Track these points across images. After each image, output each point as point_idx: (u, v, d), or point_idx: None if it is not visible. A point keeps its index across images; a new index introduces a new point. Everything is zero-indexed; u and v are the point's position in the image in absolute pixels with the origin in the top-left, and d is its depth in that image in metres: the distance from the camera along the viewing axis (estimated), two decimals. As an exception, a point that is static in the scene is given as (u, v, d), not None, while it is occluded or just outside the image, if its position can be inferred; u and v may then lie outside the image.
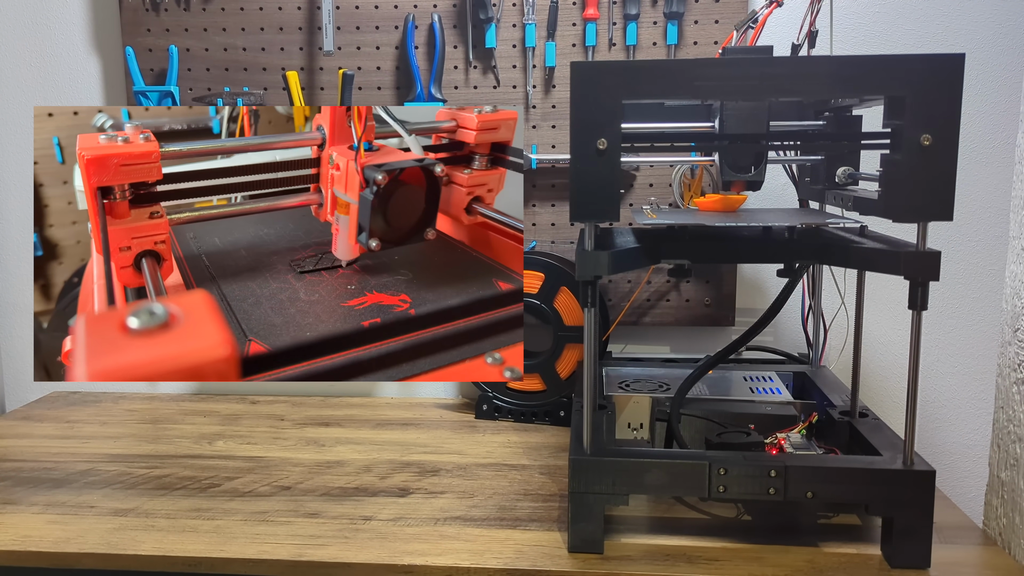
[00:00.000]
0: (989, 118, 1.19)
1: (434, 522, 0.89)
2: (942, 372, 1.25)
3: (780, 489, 0.78)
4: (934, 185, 0.73)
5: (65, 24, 1.32)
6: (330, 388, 1.37)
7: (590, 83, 0.75)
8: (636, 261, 0.83)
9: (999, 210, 1.20)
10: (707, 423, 0.96)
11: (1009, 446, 0.86)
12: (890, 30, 1.19)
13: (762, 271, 1.26)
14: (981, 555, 0.82)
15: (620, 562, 0.79)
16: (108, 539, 0.85)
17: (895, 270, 0.75)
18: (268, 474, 1.02)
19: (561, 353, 1.18)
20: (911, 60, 0.72)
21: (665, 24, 1.19)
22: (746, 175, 0.88)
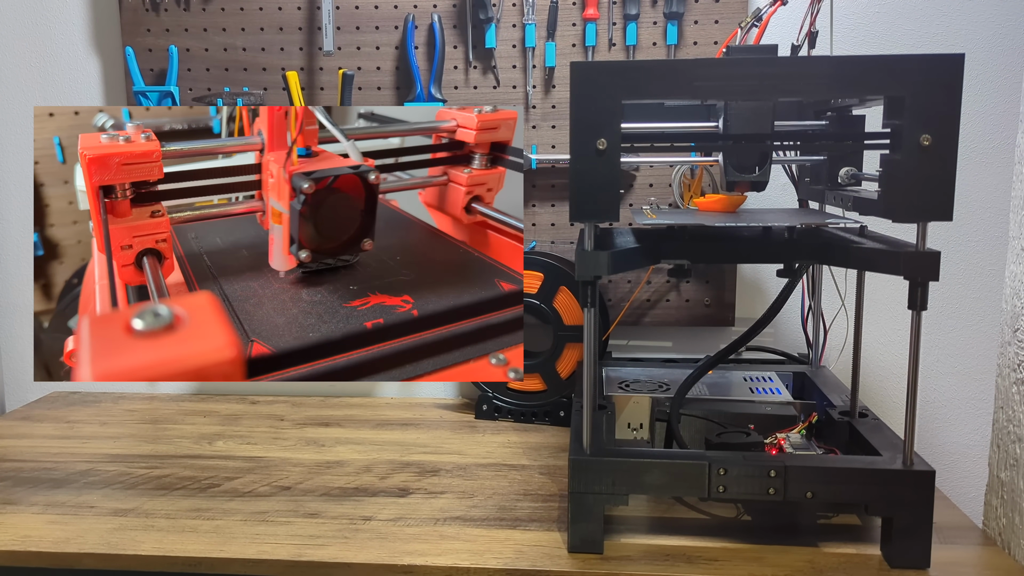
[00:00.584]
0: (989, 118, 1.19)
1: (434, 522, 0.89)
2: (942, 372, 1.25)
3: (780, 489, 0.78)
4: (934, 185, 0.73)
5: (65, 24, 1.32)
6: (330, 388, 1.37)
7: (590, 83, 0.75)
8: (636, 261, 0.83)
9: (999, 210, 1.20)
10: (707, 423, 0.96)
11: (1009, 446, 0.86)
12: (890, 30, 1.19)
13: (762, 271, 1.26)
14: (981, 555, 0.82)
15: (620, 562, 0.79)
16: (108, 539, 0.85)
17: (895, 270, 0.75)
18: (268, 474, 1.02)
19: (561, 353, 1.18)
20: (911, 60, 0.72)
21: (665, 24, 1.19)
22: (751, 176, 0.88)
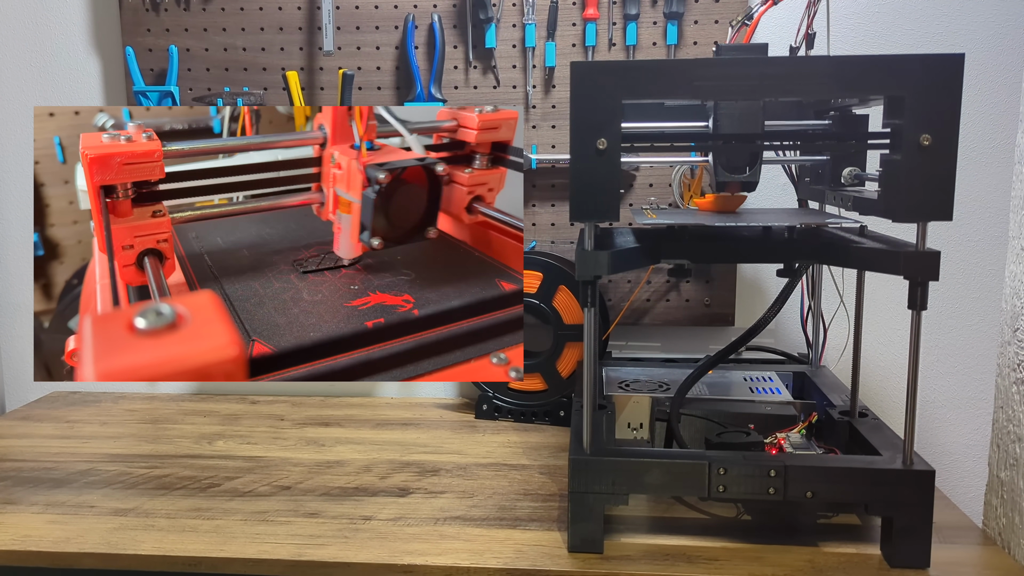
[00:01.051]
0: (989, 118, 1.19)
1: (434, 522, 0.89)
2: (942, 372, 1.25)
3: (780, 489, 0.78)
4: (934, 185, 0.73)
5: (65, 24, 1.32)
6: (330, 388, 1.37)
7: (590, 83, 0.75)
8: (636, 261, 0.83)
9: (999, 210, 1.21)
10: (707, 423, 0.96)
11: (1009, 446, 0.86)
12: (890, 30, 1.19)
13: (762, 271, 1.26)
14: (981, 555, 0.82)
15: (620, 562, 0.79)
16: (108, 539, 0.85)
17: (895, 270, 0.75)
18: (268, 474, 1.02)
19: (562, 352, 1.18)
20: (911, 60, 0.72)
21: (665, 24, 1.19)
22: (741, 176, 0.88)
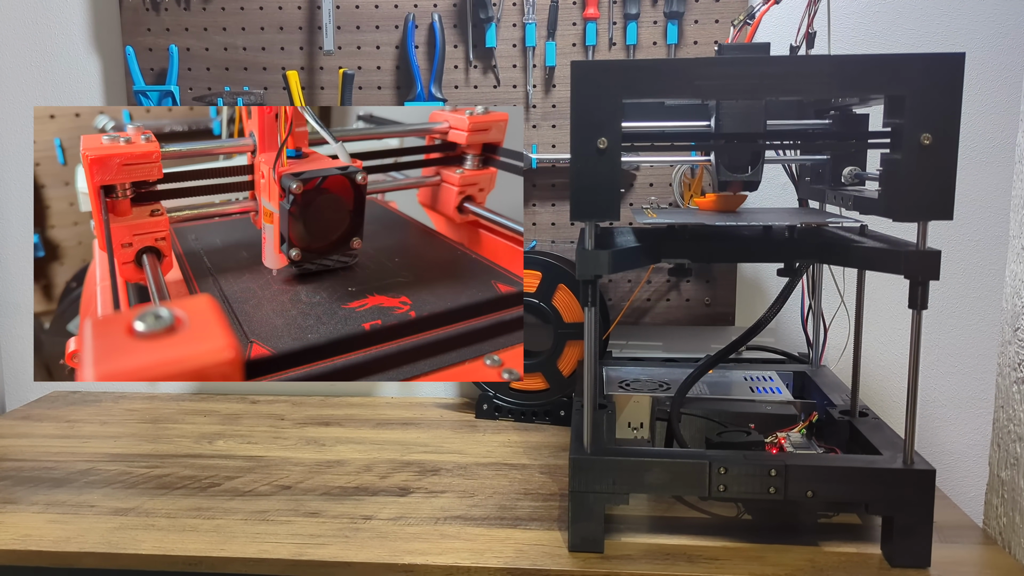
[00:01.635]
0: (989, 118, 1.19)
1: (434, 521, 0.89)
2: (942, 371, 1.25)
3: (780, 488, 0.78)
4: (934, 184, 0.73)
5: (65, 24, 1.32)
6: (330, 388, 1.37)
7: (590, 82, 0.75)
8: (636, 260, 0.83)
9: (999, 209, 1.20)
10: (707, 422, 0.96)
11: (1009, 445, 0.86)
12: (890, 30, 1.19)
13: (762, 271, 1.26)
14: (981, 554, 0.82)
15: (620, 561, 0.79)
16: (108, 538, 0.85)
17: (895, 269, 0.75)
18: (268, 473, 1.02)
19: (562, 351, 1.18)
20: (911, 60, 0.72)
21: (665, 24, 1.19)
22: (743, 175, 0.88)
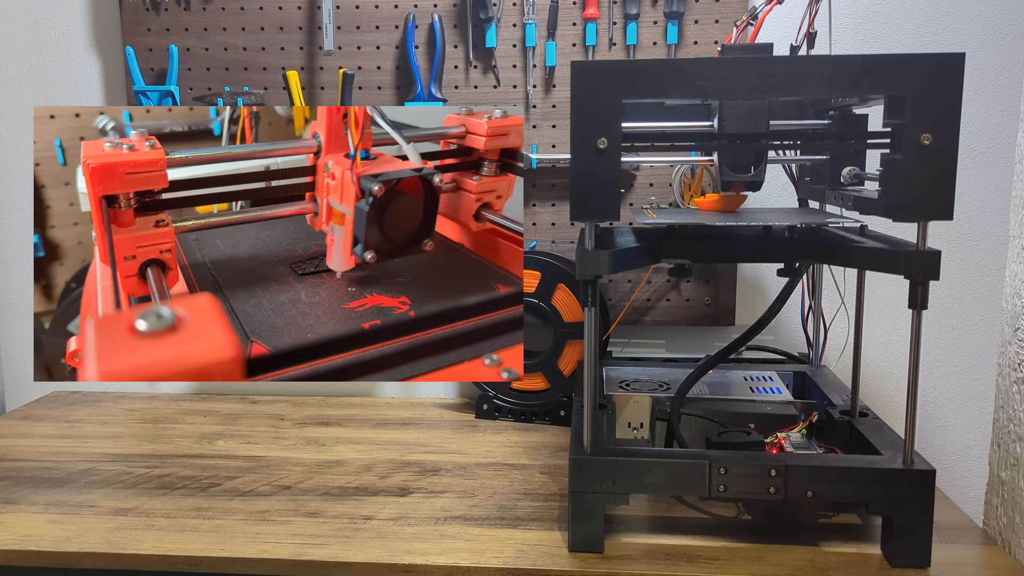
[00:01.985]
0: (989, 118, 1.19)
1: (434, 521, 0.89)
2: (942, 371, 1.25)
3: (780, 488, 0.78)
4: (934, 184, 0.73)
5: (65, 24, 1.32)
6: (330, 388, 1.37)
7: (590, 82, 0.75)
8: (636, 260, 0.83)
9: (999, 210, 1.20)
10: (707, 423, 0.96)
11: (1009, 445, 0.86)
12: (890, 30, 1.19)
13: (762, 271, 1.26)
14: (981, 554, 0.82)
15: (620, 561, 0.79)
16: (108, 538, 0.86)
17: (895, 269, 0.75)
18: (268, 474, 1.02)
19: (563, 350, 1.18)
20: (911, 60, 0.72)
21: (665, 24, 1.19)
22: (746, 175, 0.88)
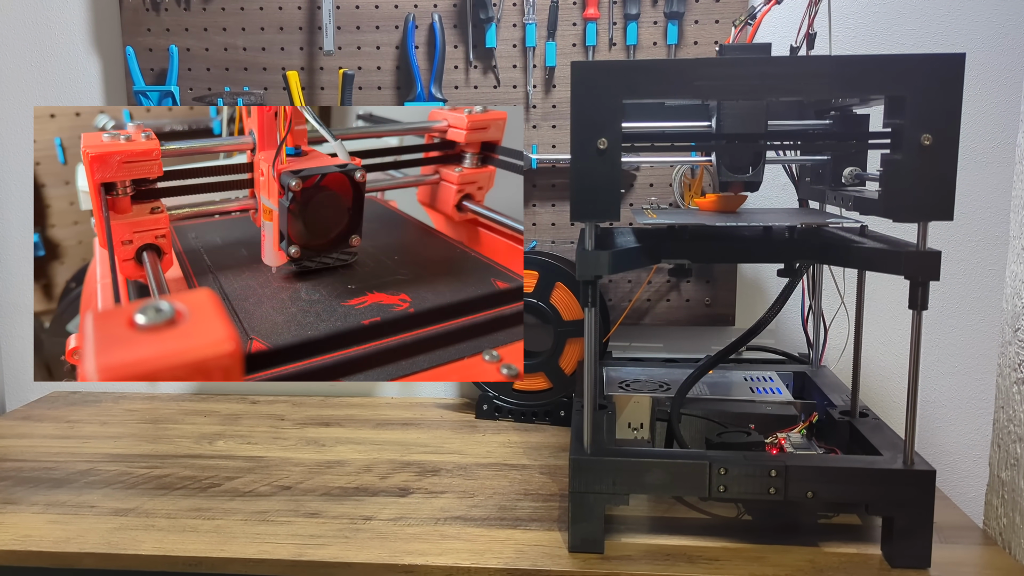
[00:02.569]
0: (989, 118, 1.19)
1: (434, 522, 0.89)
2: (942, 372, 1.25)
3: (780, 489, 0.78)
4: (934, 185, 0.73)
5: (65, 24, 1.32)
6: (330, 388, 1.37)
7: (590, 83, 0.75)
8: (636, 261, 0.83)
9: (999, 210, 1.20)
10: (707, 423, 0.96)
11: (1009, 446, 0.86)
12: (890, 30, 1.19)
13: (762, 271, 1.26)
14: (981, 555, 0.82)
15: (620, 562, 0.79)
16: (108, 539, 0.85)
17: (896, 270, 0.75)
18: (268, 474, 1.02)
19: (563, 349, 1.18)
20: (911, 60, 0.72)
21: (665, 24, 1.19)
22: (744, 176, 0.88)
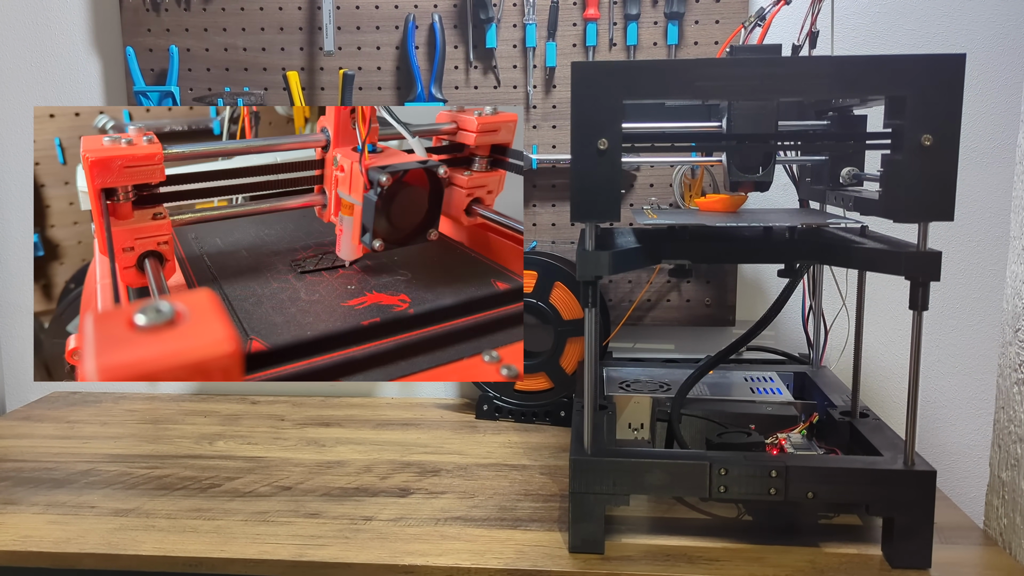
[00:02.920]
0: (989, 118, 1.19)
1: (435, 522, 0.89)
2: (942, 372, 1.25)
3: (781, 489, 0.78)
4: (935, 185, 0.73)
5: (65, 24, 1.32)
6: (330, 388, 1.36)
7: (591, 83, 0.75)
8: (637, 261, 0.83)
9: (999, 210, 1.20)
10: (708, 423, 0.96)
11: (1010, 446, 0.86)
12: (890, 30, 1.19)
13: (762, 271, 1.26)
14: (982, 555, 0.82)
15: (621, 562, 0.79)
16: (108, 539, 0.85)
17: (896, 270, 0.75)
18: (268, 474, 1.02)
19: (564, 349, 1.18)
20: (912, 60, 0.72)
21: (666, 24, 1.19)
22: (754, 176, 0.88)
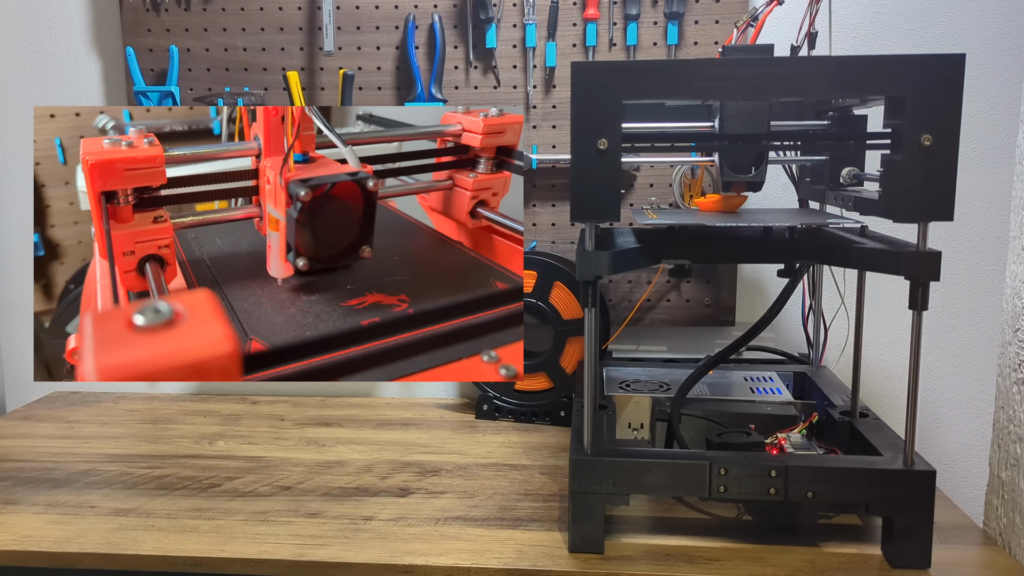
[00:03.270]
0: (989, 118, 1.19)
1: (435, 522, 0.89)
2: (942, 372, 1.25)
3: (780, 489, 0.78)
4: (934, 185, 0.73)
5: (65, 24, 1.32)
6: (330, 388, 1.37)
7: (591, 83, 0.75)
8: (636, 261, 0.83)
9: (999, 210, 1.20)
10: (707, 423, 0.96)
11: (1009, 446, 0.86)
12: (890, 30, 1.19)
13: (762, 271, 1.26)
14: (981, 555, 0.82)
15: (620, 562, 0.79)
16: (109, 539, 0.85)
17: (896, 270, 0.75)
18: (268, 474, 1.02)
19: (564, 348, 1.18)
20: (912, 60, 0.72)
21: (665, 24, 1.19)
22: (746, 176, 0.88)
